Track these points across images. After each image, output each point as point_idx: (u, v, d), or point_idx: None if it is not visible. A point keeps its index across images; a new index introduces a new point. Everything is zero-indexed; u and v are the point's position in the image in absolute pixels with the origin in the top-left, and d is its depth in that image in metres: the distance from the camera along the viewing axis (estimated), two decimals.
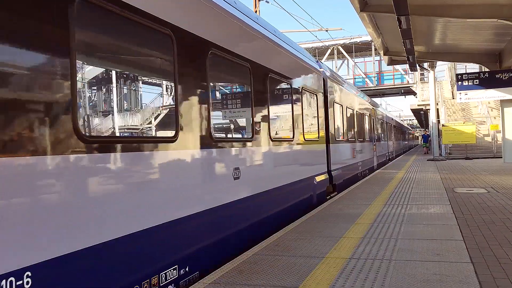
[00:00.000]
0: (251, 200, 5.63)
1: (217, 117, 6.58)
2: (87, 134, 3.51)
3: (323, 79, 9.99)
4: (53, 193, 2.70)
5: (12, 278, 2.37)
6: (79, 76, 2.94)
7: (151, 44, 3.99)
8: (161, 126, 17.04)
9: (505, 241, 4.88)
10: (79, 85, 2.97)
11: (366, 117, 16.52)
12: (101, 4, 3.15)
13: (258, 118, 6.04)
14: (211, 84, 4.82)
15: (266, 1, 20.93)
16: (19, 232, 2.47)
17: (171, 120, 4.16)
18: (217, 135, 5.67)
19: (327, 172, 9.74)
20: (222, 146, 4.94)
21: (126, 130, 16.97)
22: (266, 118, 6.31)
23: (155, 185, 3.75)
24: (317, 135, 9.16)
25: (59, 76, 2.76)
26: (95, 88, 15.54)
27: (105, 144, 3.17)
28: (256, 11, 20.87)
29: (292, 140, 7.42)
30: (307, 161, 8.37)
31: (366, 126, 16.43)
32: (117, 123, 15.80)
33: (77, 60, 2.89)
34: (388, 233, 5.42)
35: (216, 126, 6.44)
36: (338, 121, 11.32)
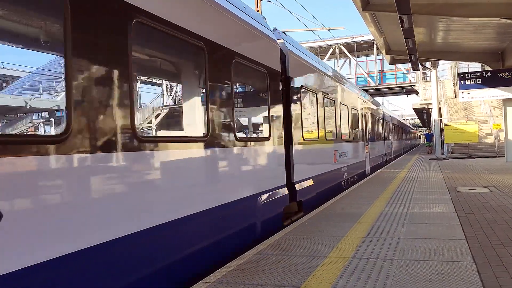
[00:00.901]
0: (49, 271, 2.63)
1: None
2: None
3: (283, 53, 7.20)
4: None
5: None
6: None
7: None
8: None
9: (508, 240, 4.87)
10: None
11: (356, 112, 13.99)
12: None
13: (106, 96, 3.20)
14: None
15: (268, 0, 20.88)
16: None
17: None
18: None
19: (287, 185, 7.00)
20: None
21: None
22: (125, 98, 3.39)
23: None
24: (267, 133, 6.41)
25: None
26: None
27: None
28: (258, 10, 20.87)
29: (204, 140, 4.62)
30: (242, 172, 5.59)
31: (356, 122, 13.96)
32: None
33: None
34: (390, 232, 5.42)
35: None
36: (311, 115, 8.67)
